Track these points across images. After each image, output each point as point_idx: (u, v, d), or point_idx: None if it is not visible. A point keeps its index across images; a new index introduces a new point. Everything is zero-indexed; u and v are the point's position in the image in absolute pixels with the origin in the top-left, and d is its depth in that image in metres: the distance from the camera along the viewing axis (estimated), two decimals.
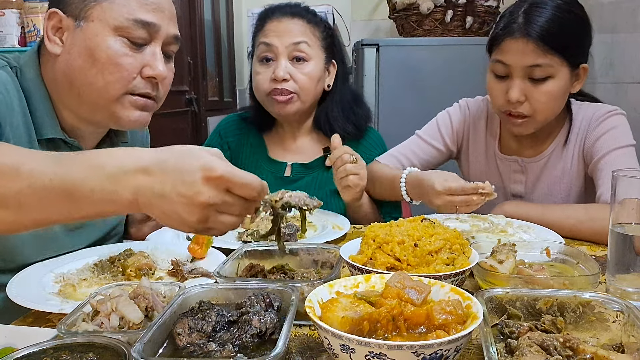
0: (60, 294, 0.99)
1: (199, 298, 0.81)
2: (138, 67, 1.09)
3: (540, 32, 1.30)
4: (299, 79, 1.58)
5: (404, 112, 2.63)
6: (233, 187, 0.74)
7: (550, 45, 1.31)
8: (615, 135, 1.41)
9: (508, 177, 1.56)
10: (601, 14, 2.16)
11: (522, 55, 1.32)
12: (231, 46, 3.76)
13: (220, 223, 0.76)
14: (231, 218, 0.77)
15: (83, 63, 1.07)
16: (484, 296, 0.79)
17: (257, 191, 0.77)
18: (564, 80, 1.35)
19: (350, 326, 0.68)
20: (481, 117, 1.62)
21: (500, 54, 1.36)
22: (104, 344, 0.69)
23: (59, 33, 1.09)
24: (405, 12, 2.81)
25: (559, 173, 1.50)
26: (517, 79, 1.35)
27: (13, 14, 2.04)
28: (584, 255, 1.01)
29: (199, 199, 0.72)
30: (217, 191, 0.73)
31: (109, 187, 0.72)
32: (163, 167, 0.72)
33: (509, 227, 1.34)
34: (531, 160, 1.52)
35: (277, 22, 1.61)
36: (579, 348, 0.67)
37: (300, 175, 1.69)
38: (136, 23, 1.07)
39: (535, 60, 1.31)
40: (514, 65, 1.34)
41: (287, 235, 1.24)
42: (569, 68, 1.36)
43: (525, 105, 1.36)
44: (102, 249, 1.19)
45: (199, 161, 0.72)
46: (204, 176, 0.72)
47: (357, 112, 1.71)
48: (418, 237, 0.95)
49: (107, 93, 1.09)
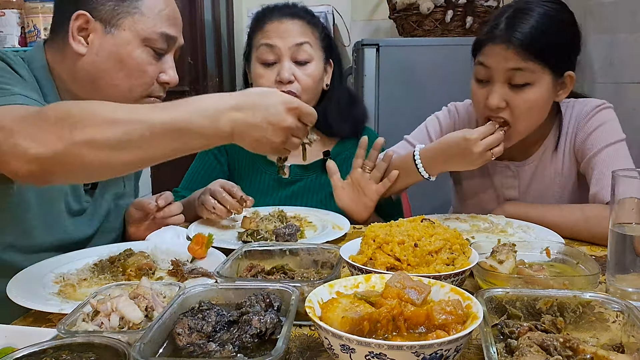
0: (60, 294, 0.99)
1: (199, 298, 0.81)
2: (157, 73, 1.23)
3: (521, 39, 1.28)
4: (302, 80, 1.57)
5: (404, 112, 2.63)
6: (302, 115, 0.99)
7: (530, 52, 1.28)
8: (605, 131, 1.39)
9: (501, 183, 1.54)
10: (601, 14, 2.16)
11: (503, 59, 1.30)
12: (231, 46, 3.75)
13: (292, 144, 1.00)
14: (297, 140, 1.01)
15: (111, 67, 1.18)
16: (484, 296, 0.79)
17: (315, 118, 1.02)
18: (545, 88, 1.33)
19: (350, 326, 0.68)
20: (471, 121, 1.59)
21: (482, 57, 1.35)
22: (104, 344, 0.69)
23: (83, 33, 1.17)
24: (405, 12, 2.81)
25: (552, 175, 1.49)
26: (498, 84, 1.33)
27: (13, 14, 2.04)
28: (584, 255, 1.01)
29: (284, 124, 0.96)
30: (294, 118, 0.97)
31: (212, 124, 0.91)
32: (250, 103, 0.94)
33: (509, 227, 1.34)
34: (522, 164, 1.51)
35: (277, 22, 1.59)
36: (579, 348, 0.67)
37: (298, 177, 1.67)
38: (162, 36, 1.20)
39: (516, 64, 1.29)
40: (494, 68, 1.32)
41: (287, 235, 1.24)
42: (552, 76, 1.33)
43: (506, 111, 1.33)
44: (102, 249, 1.20)
45: (279, 98, 0.97)
46: (286, 108, 0.96)
47: (353, 112, 1.70)
48: (418, 237, 0.95)
49: (130, 95, 1.20)
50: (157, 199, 1.36)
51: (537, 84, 1.31)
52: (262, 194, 1.64)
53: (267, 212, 1.47)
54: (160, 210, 1.37)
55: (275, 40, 1.57)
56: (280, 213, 1.45)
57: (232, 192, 1.40)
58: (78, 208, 1.28)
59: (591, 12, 2.24)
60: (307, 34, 1.59)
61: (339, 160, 1.65)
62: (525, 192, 1.52)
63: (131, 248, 1.16)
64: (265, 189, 1.66)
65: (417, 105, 2.60)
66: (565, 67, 1.35)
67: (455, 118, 1.62)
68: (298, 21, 1.59)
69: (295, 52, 1.57)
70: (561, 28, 1.34)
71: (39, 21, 2.03)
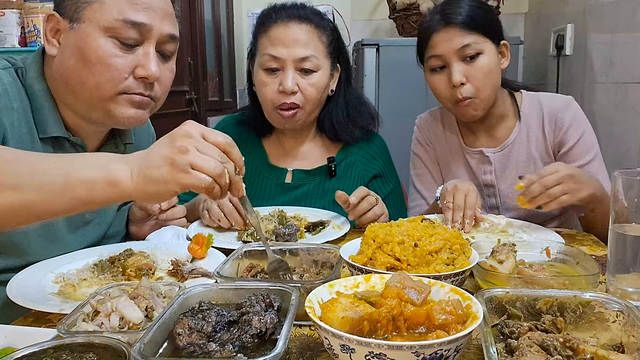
0: (60, 294, 0.99)
1: (199, 298, 0.81)
2: (130, 67, 1.10)
3: (459, 19, 1.44)
4: (306, 91, 1.52)
5: (404, 112, 2.62)
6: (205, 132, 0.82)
7: (471, 27, 1.44)
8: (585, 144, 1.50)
9: (477, 168, 1.63)
10: (601, 14, 2.16)
11: (450, 41, 1.45)
12: (231, 46, 3.75)
13: (200, 158, 0.79)
14: (211, 158, 0.80)
15: (75, 63, 1.09)
16: (484, 296, 0.79)
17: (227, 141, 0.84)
18: (492, 54, 1.47)
19: (350, 326, 0.68)
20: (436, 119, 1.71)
21: (432, 49, 1.48)
22: (104, 344, 0.69)
23: (57, 35, 1.12)
24: (405, 12, 2.82)
25: (524, 159, 1.58)
26: (454, 64, 1.45)
27: (13, 14, 2.04)
28: (584, 255, 1.01)
29: (179, 131, 0.81)
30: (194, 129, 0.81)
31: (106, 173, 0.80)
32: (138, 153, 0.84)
33: (509, 227, 1.34)
34: (495, 150, 1.60)
35: (283, 27, 1.52)
36: (579, 348, 0.67)
37: (302, 182, 1.64)
38: (126, 23, 1.08)
39: (462, 41, 1.44)
40: (446, 54, 1.46)
41: (287, 235, 1.24)
42: (493, 44, 1.48)
43: (467, 87, 1.46)
44: (102, 249, 1.20)
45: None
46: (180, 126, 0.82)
47: (363, 114, 1.66)
48: (418, 237, 0.95)
49: (99, 92, 1.10)
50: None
51: (485, 52, 1.46)
52: (265, 199, 1.62)
53: (267, 212, 1.47)
54: (163, 213, 1.37)
55: (279, 50, 1.50)
56: (280, 213, 1.45)
57: (238, 207, 1.36)
58: (80, 220, 1.25)
59: (591, 12, 2.24)
60: (313, 43, 1.52)
61: (343, 165, 1.64)
62: (501, 177, 1.60)
63: (131, 248, 1.16)
64: (268, 194, 1.64)
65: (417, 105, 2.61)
66: (500, 37, 1.52)
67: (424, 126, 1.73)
68: (305, 26, 1.52)
69: (300, 62, 1.51)
70: (487, 9, 1.54)
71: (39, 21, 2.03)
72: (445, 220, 1.34)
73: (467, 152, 1.64)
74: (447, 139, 1.68)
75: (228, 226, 1.37)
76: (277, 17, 1.54)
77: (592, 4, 2.22)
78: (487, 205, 1.62)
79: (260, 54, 1.55)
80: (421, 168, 1.72)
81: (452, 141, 1.67)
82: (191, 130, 0.81)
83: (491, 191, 1.61)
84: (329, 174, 1.63)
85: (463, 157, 1.65)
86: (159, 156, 0.80)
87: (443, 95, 1.52)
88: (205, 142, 0.81)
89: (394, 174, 1.72)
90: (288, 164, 1.67)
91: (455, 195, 1.35)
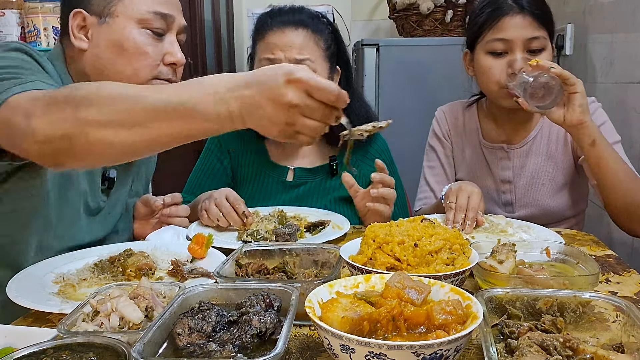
0: (60, 294, 0.99)
1: (199, 298, 0.81)
2: (160, 55, 1.23)
3: (531, 9, 1.43)
4: None
5: (404, 112, 2.63)
6: (312, 90, 0.81)
7: (541, 21, 1.44)
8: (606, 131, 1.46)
9: (495, 164, 1.63)
10: (601, 14, 2.16)
11: (522, 29, 1.43)
12: (231, 46, 3.75)
13: (306, 127, 0.83)
14: (315, 123, 0.83)
15: (111, 55, 1.19)
16: (484, 296, 0.79)
17: (335, 95, 0.82)
18: (550, 53, 1.47)
19: (350, 326, 0.68)
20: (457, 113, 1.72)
21: (499, 32, 1.45)
22: (104, 344, 0.69)
23: (83, 30, 1.21)
24: (405, 12, 2.81)
25: (544, 157, 1.58)
26: (518, 52, 1.44)
27: (13, 14, 2.04)
28: (584, 255, 1.01)
29: (283, 100, 0.80)
30: (298, 93, 0.81)
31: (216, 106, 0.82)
32: (257, 79, 0.82)
33: (509, 227, 1.34)
34: (515, 147, 1.60)
35: (280, 32, 1.50)
36: (579, 348, 0.67)
37: (303, 181, 1.64)
38: (156, 15, 1.20)
39: (533, 32, 1.43)
40: (514, 40, 1.43)
41: (287, 235, 1.24)
42: (551, 45, 1.48)
43: None
44: (102, 249, 1.20)
45: (282, 69, 0.82)
46: (285, 80, 0.80)
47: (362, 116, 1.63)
48: (418, 237, 0.95)
49: (135, 79, 1.20)
50: (165, 197, 1.37)
51: (547, 49, 1.45)
52: (266, 197, 1.62)
53: (267, 212, 1.47)
54: (167, 208, 1.37)
55: (277, 53, 1.49)
56: (280, 213, 1.45)
57: (235, 206, 1.38)
58: (95, 207, 1.30)
59: (591, 12, 2.24)
60: (309, 47, 1.51)
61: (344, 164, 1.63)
62: (519, 173, 1.60)
63: (131, 248, 1.16)
64: (269, 192, 1.64)
65: (417, 105, 2.61)
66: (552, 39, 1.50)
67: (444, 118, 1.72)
68: (302, 31, 1.51)
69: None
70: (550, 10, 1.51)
71: (39, 21, 2.03)
72: (446, 220, 1.34)
73: (485, 147, 1.65)
74: (467, 133, 1.69)
75: (227, 225, 1.38)
76: (272, 24, 1.53)
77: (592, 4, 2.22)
78: (502, 201, 1.62)
79: (258, 58, 1.56)
80: (434, 161, 1.73)
81: (471, 135, 1.68)
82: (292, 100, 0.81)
83: (507, 187, 1.61)
84: (331, 173, 1.64)
85: (481, 152, 1.66)
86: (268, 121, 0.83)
87: (494, 79, 1.48)
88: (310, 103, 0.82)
89: (395, 174, 1.72)
90: (289, 162, 1.67)
91: (459, 196, 1.35)
